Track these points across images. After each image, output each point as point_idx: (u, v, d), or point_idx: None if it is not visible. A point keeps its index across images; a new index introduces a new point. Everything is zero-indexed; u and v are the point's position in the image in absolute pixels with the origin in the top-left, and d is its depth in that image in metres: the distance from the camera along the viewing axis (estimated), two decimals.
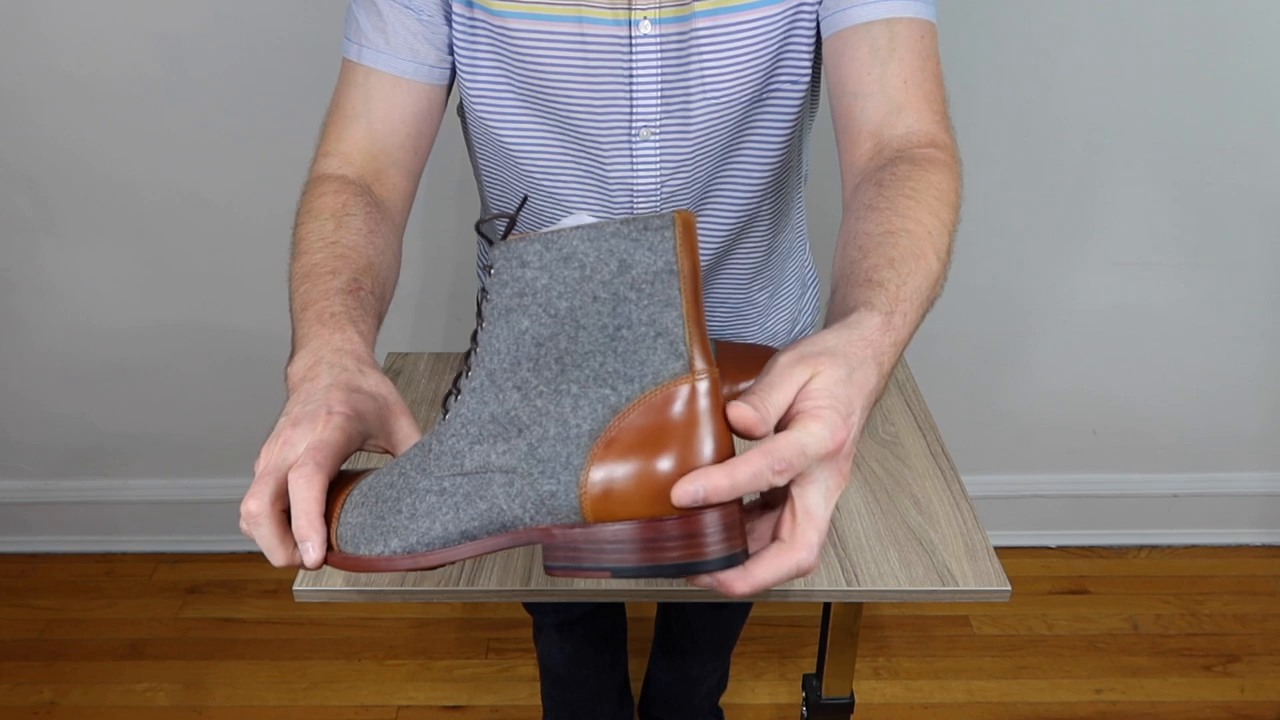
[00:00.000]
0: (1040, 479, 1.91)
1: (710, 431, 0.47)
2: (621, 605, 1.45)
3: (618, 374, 0.48)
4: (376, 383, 0.62)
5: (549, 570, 0.50)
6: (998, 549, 0.76)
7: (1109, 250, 1.68)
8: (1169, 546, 1.96)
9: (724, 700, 1.59)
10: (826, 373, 0.51)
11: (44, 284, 1.71)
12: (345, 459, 0.57)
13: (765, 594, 0.72)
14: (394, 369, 1.02)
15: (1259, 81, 1.54)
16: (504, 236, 0.51)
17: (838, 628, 0.98)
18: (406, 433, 0.61)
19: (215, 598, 1.86)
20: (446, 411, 0.53)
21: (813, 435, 0.48)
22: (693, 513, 0.47)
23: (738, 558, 0.48)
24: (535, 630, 1.41)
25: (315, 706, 1.64)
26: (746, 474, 0.47)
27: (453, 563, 0.53)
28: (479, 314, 0.53)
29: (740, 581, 0.49)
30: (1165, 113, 1.56)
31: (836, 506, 0.80)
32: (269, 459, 0.55)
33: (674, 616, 1.45)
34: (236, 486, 1.90)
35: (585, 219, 0.49)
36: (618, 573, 0.48)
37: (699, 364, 0.47)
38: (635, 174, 0.88)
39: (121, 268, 1.69)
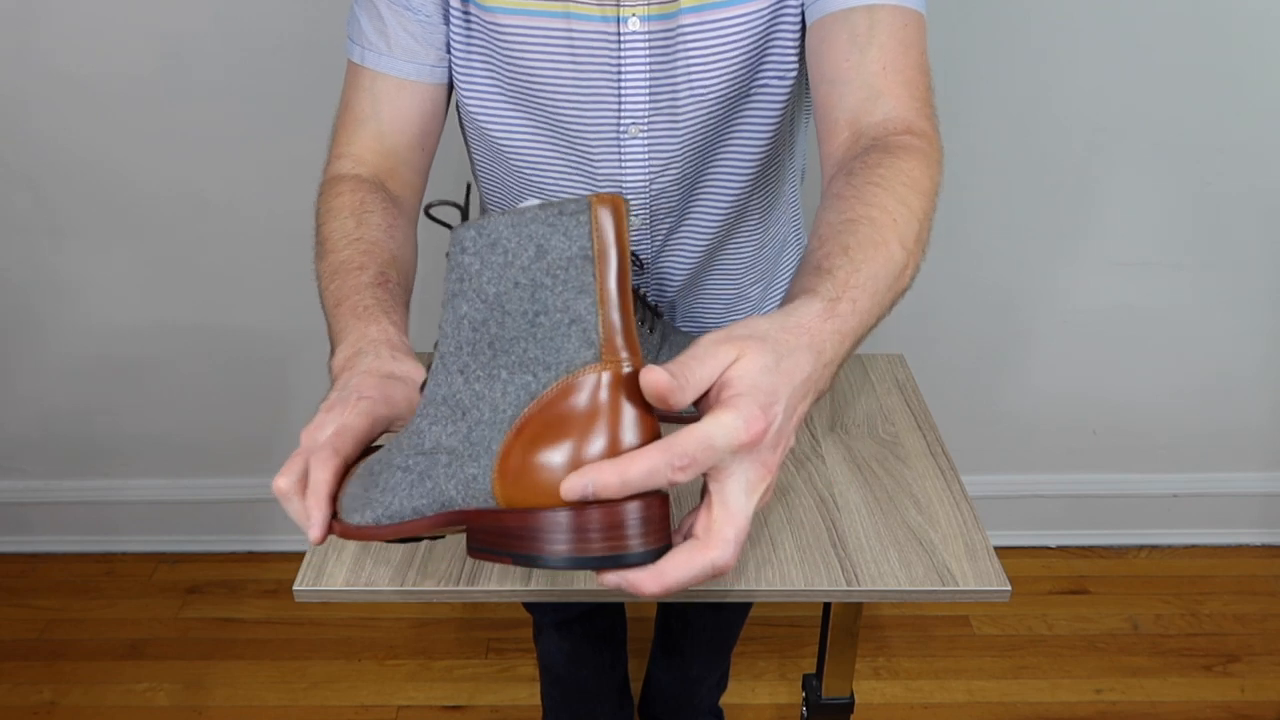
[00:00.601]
0: (1040, 479, 1.91)
1: (607, 424, 0.46)
2: (621, 605, 1.45)
3: (538, 361, 0.47)
4: (409, 368, 0.64)
5: (469, 552, 0.51)
6: (998, 549, 0.76)
7: (1109, 250, 1.68)
8: (1169, 546, 1.96)
9: (724, 700, 1.59)
10: (750, 358, 0.48)
11: (44, 284, 1.71)
12: (369, 441, 0.60)
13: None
14: None
15: (1259, 82, 1.54)
16: (463, 221, 0.52)
17: (838, 628, 0.98)
18: None
19: (215, 598, 1.86)
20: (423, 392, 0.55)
21: (722, 426, 0.46)
22: (611, 504, 0.46)
23: (649, 555, 0.47)
24: (535, 630, 1.41)
25: (315, 706, 1.64)
26: (640, 470, 0.45)
27: (400, 538, 0.55)
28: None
29: (650, 581, 0.47)
30: (1165, 113, 1.56)
31: (834, 504, 0.81)
32: (304, 441, 0.59)
33: (674, 616, 1.45)
34: (236, 486, 1.90)
35: (531, 203, 0.48)
36: (514, 559, 0.48)
37: (608, 353, 0.46)
38: (624, 170, 0.88)
39: (122, 268, 1.69)
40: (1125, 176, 1.62)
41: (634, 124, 0.86)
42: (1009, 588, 0.73)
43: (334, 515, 0.57)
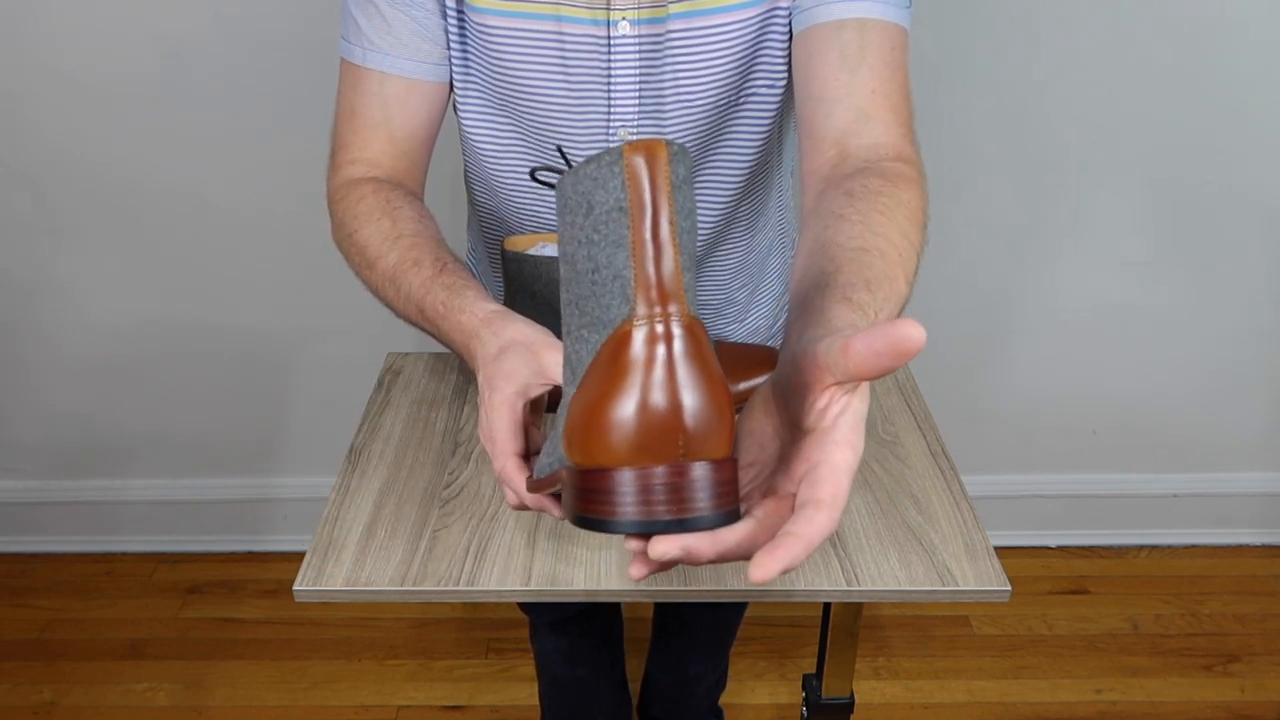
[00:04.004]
0: (1040, 479, 1.91)
1: (640, 383, 0.44)
2: (618, 605, 1.45)
3: (598, 319, 0.46)
4: (512, 334, 0.66)
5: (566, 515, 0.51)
6: (998, 549, 0.76)
7: (1109, 249, 1.68)
8: (1169, 546, 1.96)
9: (724, 700, 1.59)
10: (858, 405, 0.48)
11: (44, 284, 1.71)
12: (524, 421, 0.64)
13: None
14: (394, 369, 1.02)
15: (1257, 81, 1.54)
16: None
17: (838, 628, 0.98)
18: (559, 363, 0.63)
19: (215, 598, 1.86)
20: None
21: (846, 461, 0.46)
22: (678, 466, 0.44)
23: (718, 519, 0.45)
24: (531, 630, 1.41)
25: (315, 706, 1.64)
26: (823, 532, 0.44)
27: (541, 491, 0.58)
28: None
29: (763, 563, 0.44)
30: (1165, 113, 1.56)
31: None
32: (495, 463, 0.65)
33: (670, 614, 1.45)
34: (236, 486, 1.90)
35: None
36: (570, 519, 0.48)
37: (642, 308, 0.44)
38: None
39: (122, 267, 1.69)
40: (1125, 176, 1.62)
41: (623, 127, 0.86)
42: (1009, 588, 0.73)
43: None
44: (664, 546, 0.45)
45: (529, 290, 0.84)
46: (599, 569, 0.74)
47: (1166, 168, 1.61)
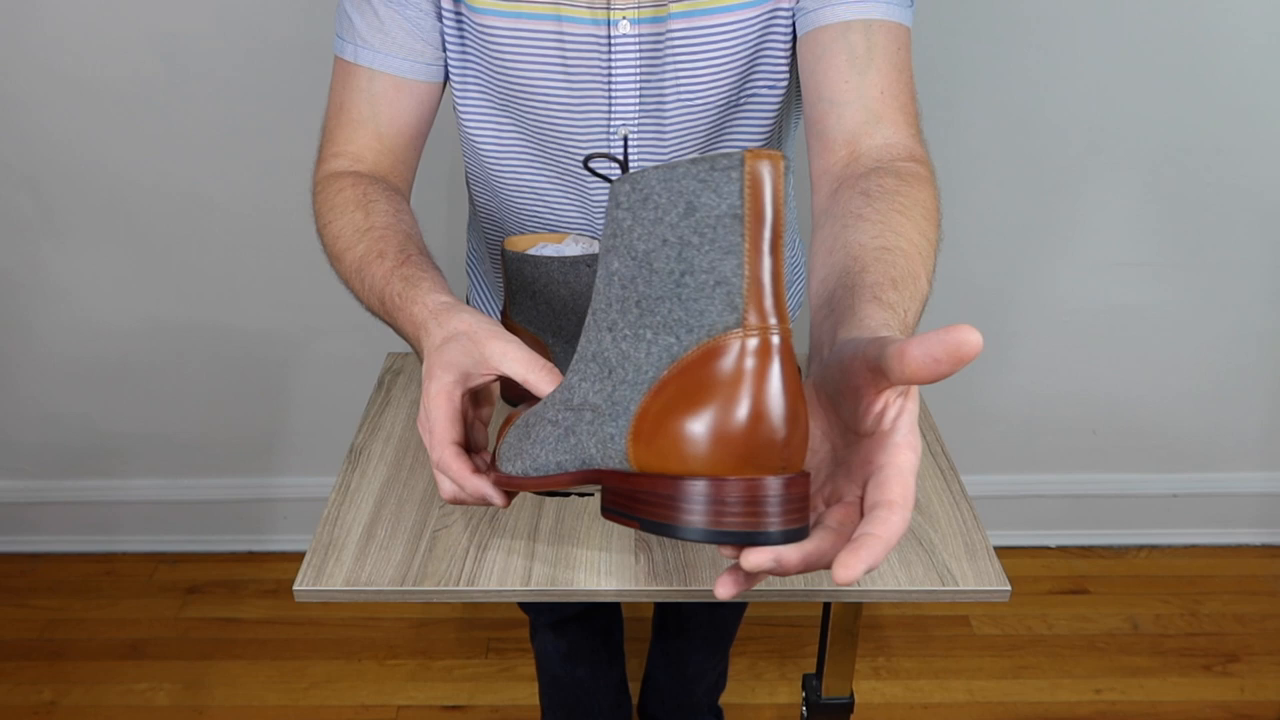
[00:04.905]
0: (1040, 479, 1.91)
1: (751, 393, 0.44)
2: (617, 605, 1.45)
3: (681, 322, 0.46)
4: (457, 324, 0.64)
5: (602, 512, 0.50)
6: (998, 549, 0.76)
7: (1109, 250, 1.68)
8: (1169, 546, 1.96)
9: (724, 700, 1.59)
10: (911, 406, 0.50)
11: (45, 284, 1.71)
12: (462, 410, 0.63)
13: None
14: (394, 369, 1.02)
15: (1256, 81, 1.54)
16: (623, 170, 0.51)
17: (838, 628, 0.98)
18: (502, 354, 0.62)
19: (215, 598, 1.86)
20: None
21: (910, 462, 0.48)
22: (752, 479, 0.44)
23: (786, 535, 0.45)
24: (531, 630, 1.41)
25: (315, 706, 1.64)
26: (898, 533, 0.46)
27: (544, 491, 0.57)
28: None
29: (847, 563, 0.44)
30: (1165, 113, 1.56)
31: None
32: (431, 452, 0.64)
33: (670, 614, 1.45)
34: (236, 486, 1.91)
35: (732, 149, 0.48)
36: (643, 526, 0.47)
37: (753, 319, 0.44)
38: (612, 172, 0.88)
39: (122, 267, 1.69)
40: (1124, 176, 1.62)
41: (624, 126, 0.86)
42: (1009, 588, 0.73)
43: (493, 464, 0.62)
44: (758, 558, 0.45)
45: (529, 290, 0.84)
46: (599, 569, 0.74)
47: (1166, 167, 1.61)
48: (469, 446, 0.65)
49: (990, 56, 1.52)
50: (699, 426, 0.44)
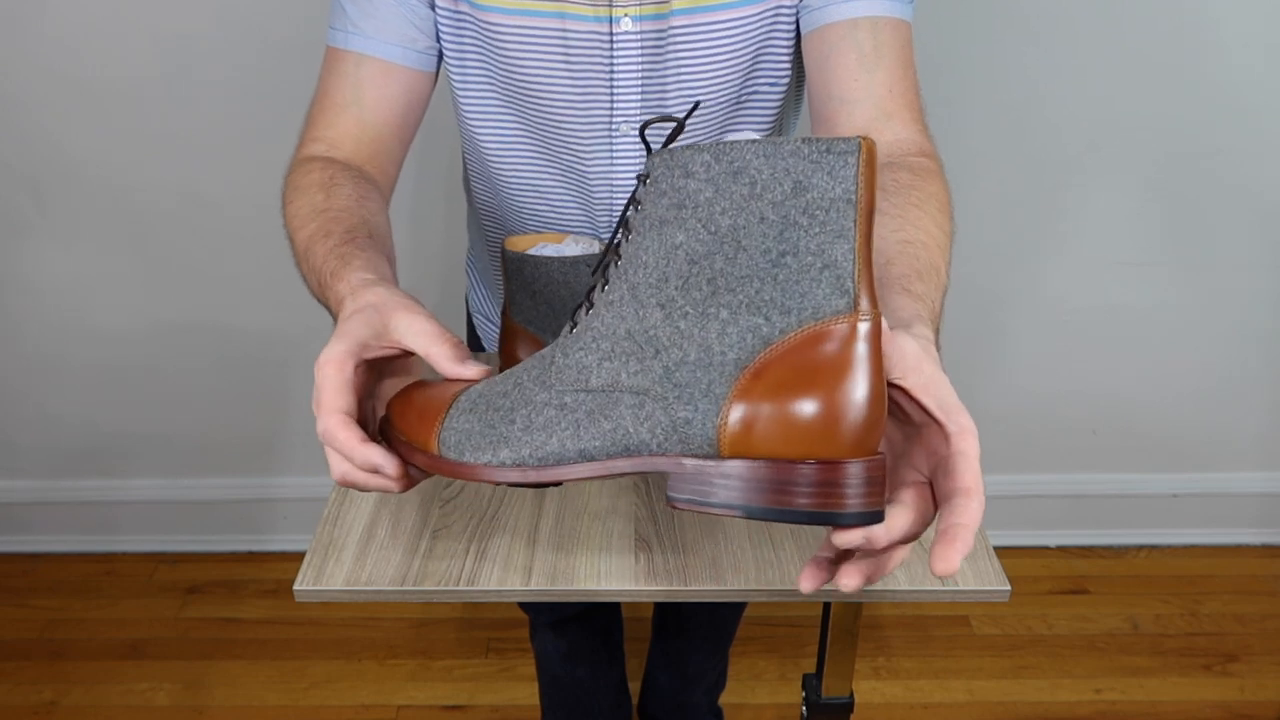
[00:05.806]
0: (1040, 479, 1.91)
1: (866, 378, 0.44)
2: (617, 605, 1.45)
3: (774, 303, 0.44)
4: (368, 298, 0.60)
5: (672, 502, 0.47)
6: (998, 549, 0.76)
7: (1108, 250, 1.68)
8: (1169, 546, 1.96)
9: (724, 700, 1.59)
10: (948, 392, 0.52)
11: (45, 284, 1.71)
12: (353, 382, 0.57)
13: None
14: None
15: (1255, 82, 1.54)
16: (667, 144, 0.48)
17: (838, 628, 0.98)
18: (406, 325, 0.59)
19: (215, 598, 1.86)
20: (575, 325, 0.51)
21: (974, 447, 0.50)
22: (835, 461, 0.44)
23: (876, 515, 0.46)
24: (531, 630, 1.41)
25: (315, 706, 1.64)
26: (979, 516, 0.48)
27: (565, 482, 0.51)
28: (624, 224, 0.50)
29: (946, 556, 0.48)
30: (1164, 112, 1.56)
31: None
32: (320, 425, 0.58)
33: (670, 614, 1.45)
34: (236, 486, 1.90)
35: (751, 135, 0.46)
36: (747, 513, 0.46)
37: (864, 304, 0.44)
38: (615, 168, 0.89)
39: (122, 268, 1.69)
40: (1124, 175, 1.62)
41: (626, 122, 0.86)
42: (1009, 588, 0.73)
43: (431, 453, 0.54)
44: (849, 536, 0.47)
45: (529, 290, 0.84)
46: (599, 569, 0.74)
47: (1166, 167, 1.61)
48: (363, 423, 0.60)
49: (989, 55, 1.52)
50: (817, 410, 0.44)
